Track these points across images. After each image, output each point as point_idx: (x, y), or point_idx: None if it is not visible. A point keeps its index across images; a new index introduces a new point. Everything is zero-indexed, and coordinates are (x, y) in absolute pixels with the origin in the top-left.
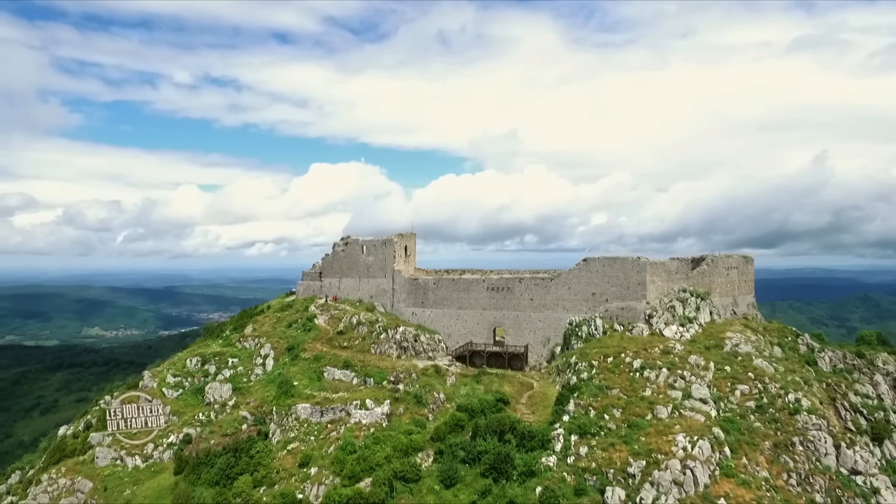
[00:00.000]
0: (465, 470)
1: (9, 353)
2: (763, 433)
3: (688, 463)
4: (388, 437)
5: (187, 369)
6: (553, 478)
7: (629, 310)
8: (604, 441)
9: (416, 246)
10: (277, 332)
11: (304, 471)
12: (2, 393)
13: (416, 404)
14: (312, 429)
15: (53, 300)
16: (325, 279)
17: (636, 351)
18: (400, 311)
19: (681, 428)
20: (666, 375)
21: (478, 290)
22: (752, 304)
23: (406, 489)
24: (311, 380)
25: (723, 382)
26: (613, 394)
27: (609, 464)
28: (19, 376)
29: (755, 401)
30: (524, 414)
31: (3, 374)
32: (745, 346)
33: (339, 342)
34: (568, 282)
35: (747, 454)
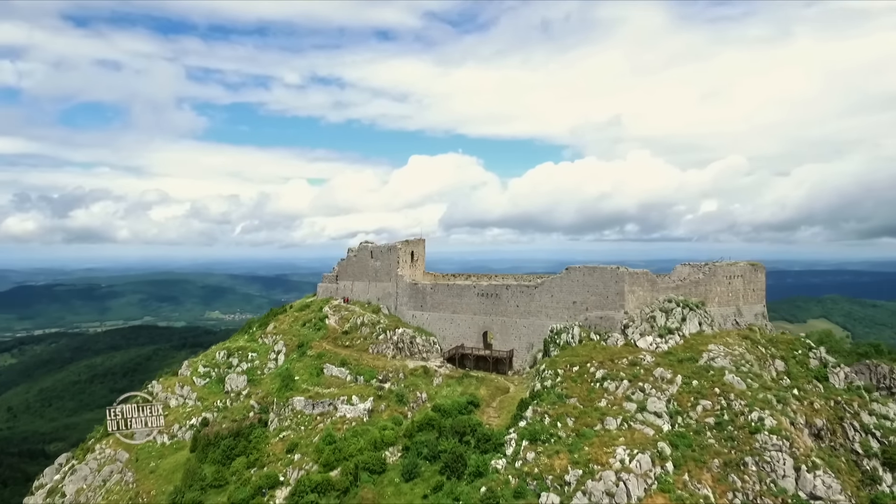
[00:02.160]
0: (425, 466)
1: (144, 332)
2: (715, 451)
3: (622, 475)
4: (365, 432)
5: (215, 361)
6: (499, 479)
7: (607, 319)
8: (550, 448)
9: (424, 252)
10: (293, 331)
11: (289, 456)
12: (136, 367)
13: (397, 402)
14: (304, 420)
15: (183, 286)
16: (340, 282)
17: (602, 361)
18: (402, 313)
19: (625, 440)
20: (626, 387)
21: (469, 296)
22: (761, 315)
23: (370, 480)
24: (311, 375)
25: (686, 397)
26: (570, 403)
27: (549, 470)
28: (151, 353)
29: (715, 417)
30: (491, 417)
31: (139, 350)
32: (722, 360)
33: (343, 341)
34: (551, 290)
35: (691, 471)
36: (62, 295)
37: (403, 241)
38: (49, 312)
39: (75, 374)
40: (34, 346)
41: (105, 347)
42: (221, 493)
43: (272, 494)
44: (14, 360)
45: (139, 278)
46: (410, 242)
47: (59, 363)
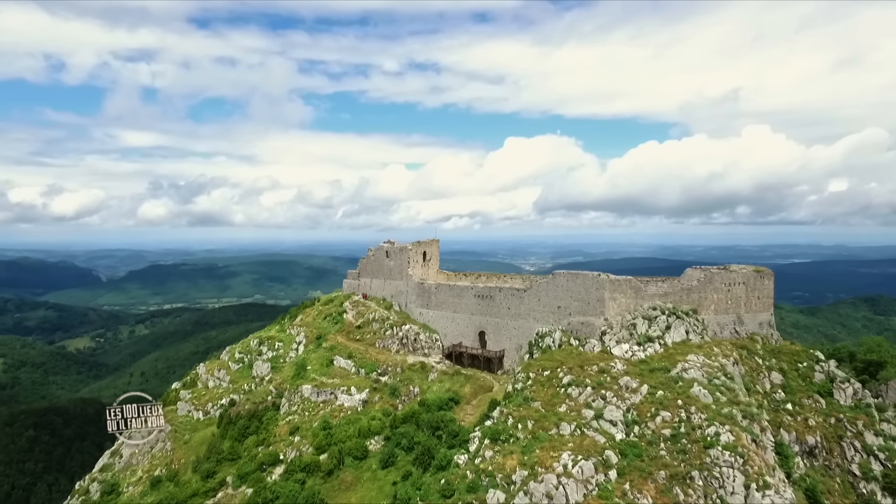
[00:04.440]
0: (402, 456)
1: (252, 309)
2: (664, 462)
3: (563, 479)
4: (357, 420)
5: (250, 348)
6: (458, 474)
7: (587, 325)
8: (507, 448)
9: (438, 252)
10: (315, 323)
11: (291, 438)
12: None
13: (390, 395)
14: (309, 406)
15: (290, 267)
16: (362, 279)
17: (572, 367)
18: (411, 310)
19: (573, 446)
20: (589, 394)
21: (468, 297)
22: (767, 324)
23: (352, 465)
24: (321, 365)
25: (647, 407)
26: (534, 406)
27: (501, 469)
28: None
29: (672, 429)
30: (467, 414)
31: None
32: (695, 371)
33: (356, 335)
34: (538, 294)
35: (634, 481)
36: (187, 273)
37: (415, 243)
38: (178, 289)
39: (194, 345)
40: (163, 319)
41: (220, 322)
42: (233, 466)
43: (271, 471)
44: (147, 331)
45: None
46: (423, 243)
47: (182, 335)
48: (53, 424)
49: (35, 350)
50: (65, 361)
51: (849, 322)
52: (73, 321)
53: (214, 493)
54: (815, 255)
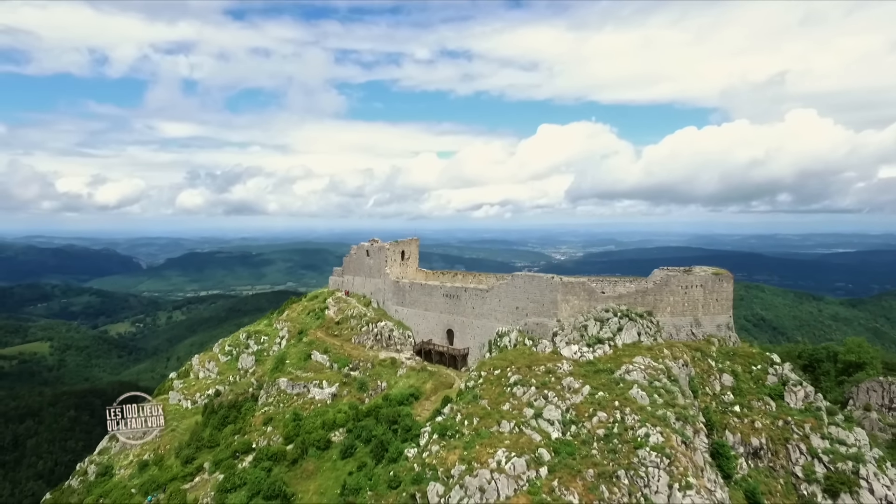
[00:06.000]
0: (360, 448)
1: (284, 296)
2: (594, 461)
3: (495, 475)
4: (324, 413)
5: (239, 341)
6: (406, 466)
7: (542, 326)
8: (451, 444)
9: (417, 250)
10: (299, 319)
11: (264, 428)
12: None
13: (358, 389)
14: (284, 398)
15: (323, 255)
16: (345, 276)
17: (520, 367)
18: (388, 307)
19: (510, 443)
20: (532, 394)
21: (437, 296)
22: (724, 326)
23: (315, 454)
24: (299, 360)
25: (585, 407)
26: (481, 404)
27: (443, 463)
28: None
29: (606, 429)
30: (425, 409)
31: None
32: (637, 373)
33: (334, 331)
34: (499, 295)
35: (562, 478)
36: (223, 261)
37: (393, 242)
38: (214, 276)
39: (227, 332)
40: (199, 306)
41: (252, 309)
42: (210, 453)
43: (243, 458)
44: (183, 317)
45: (285, 247)
46: (401, 242)
47: (216, 321)
48: (93, 406)
49: (80, 334)
50: (106, 346)
51: (893, 315)
52: (115, 307)
53: (192, 477)
54: (860, 245)
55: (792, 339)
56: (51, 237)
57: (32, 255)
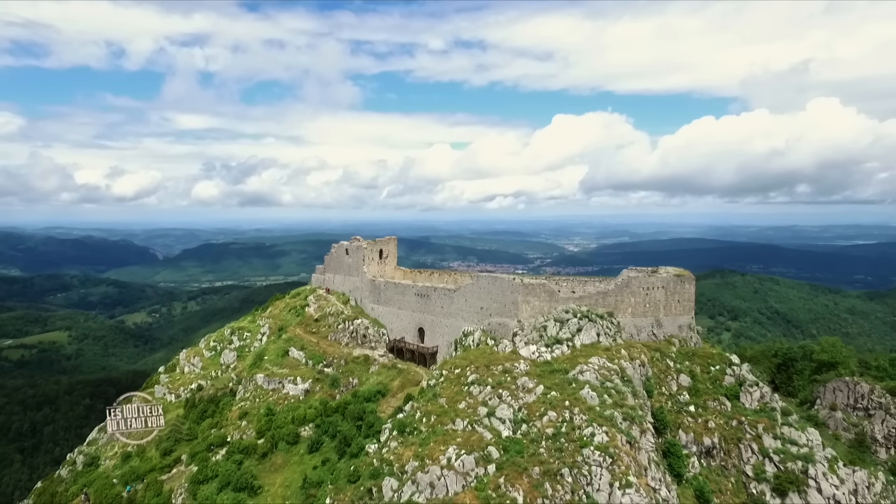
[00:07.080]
0: (327, 443)
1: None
2: (540, 460)
3: (445, 472)
4: (297, 408)
5: (223, 337)
6: (366, 461)
7: (503, 326)
8: (408, 440)
9: (396, 249)
10: (281, 315)
11: (240, 422)
12: None
13: (330, 386)
14: (260, 393)
15: None
16: (327, 274)
17: (479, 366)
18: (365, 305)
19: (461, 441)
20: (487, 393)
21: (409, 295)
22: (687, 326)
23: (284, 448)
24: (277, 356)
25: (537, 407)
26: (440, 402)
27: (398, 459)
28: None
29: (555, 429)
30: (390, 405)
31: None
32: (590, 374)
33: (313, 328)
34: (465, 295)
35: (509, 475)
36: (238, 252)
37: (371, 241)
38: (230, 267)
39: None
40: (213, 296)
41: (265, 300)
42: (188, 446)
43: (217, 451)
44: (198, 308)
45: (299, 238)
46: (379, 242)
47: (230, 312)
48: (108, 394)
49: (97, 324)
50: (123, 335)
51: None
52: (131, 297)
53: (170, 468)
54: (881, 237)
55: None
56: (70, 228)
57: (52, 245)
